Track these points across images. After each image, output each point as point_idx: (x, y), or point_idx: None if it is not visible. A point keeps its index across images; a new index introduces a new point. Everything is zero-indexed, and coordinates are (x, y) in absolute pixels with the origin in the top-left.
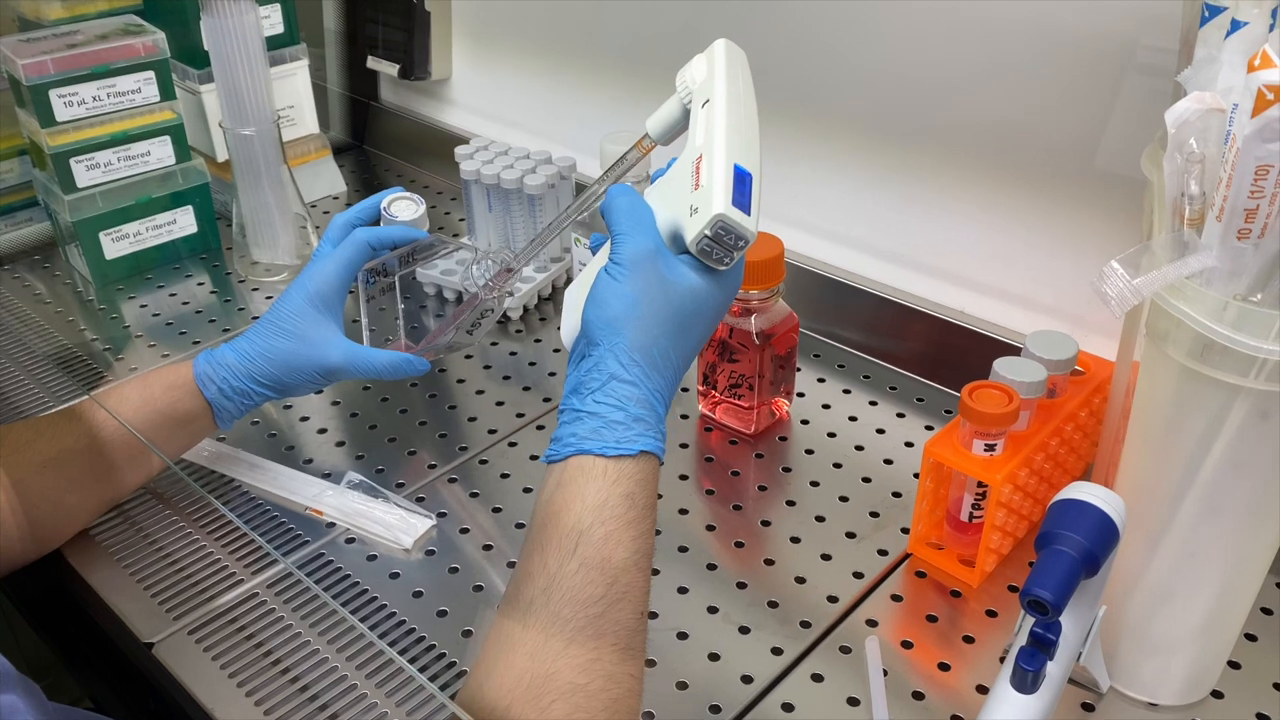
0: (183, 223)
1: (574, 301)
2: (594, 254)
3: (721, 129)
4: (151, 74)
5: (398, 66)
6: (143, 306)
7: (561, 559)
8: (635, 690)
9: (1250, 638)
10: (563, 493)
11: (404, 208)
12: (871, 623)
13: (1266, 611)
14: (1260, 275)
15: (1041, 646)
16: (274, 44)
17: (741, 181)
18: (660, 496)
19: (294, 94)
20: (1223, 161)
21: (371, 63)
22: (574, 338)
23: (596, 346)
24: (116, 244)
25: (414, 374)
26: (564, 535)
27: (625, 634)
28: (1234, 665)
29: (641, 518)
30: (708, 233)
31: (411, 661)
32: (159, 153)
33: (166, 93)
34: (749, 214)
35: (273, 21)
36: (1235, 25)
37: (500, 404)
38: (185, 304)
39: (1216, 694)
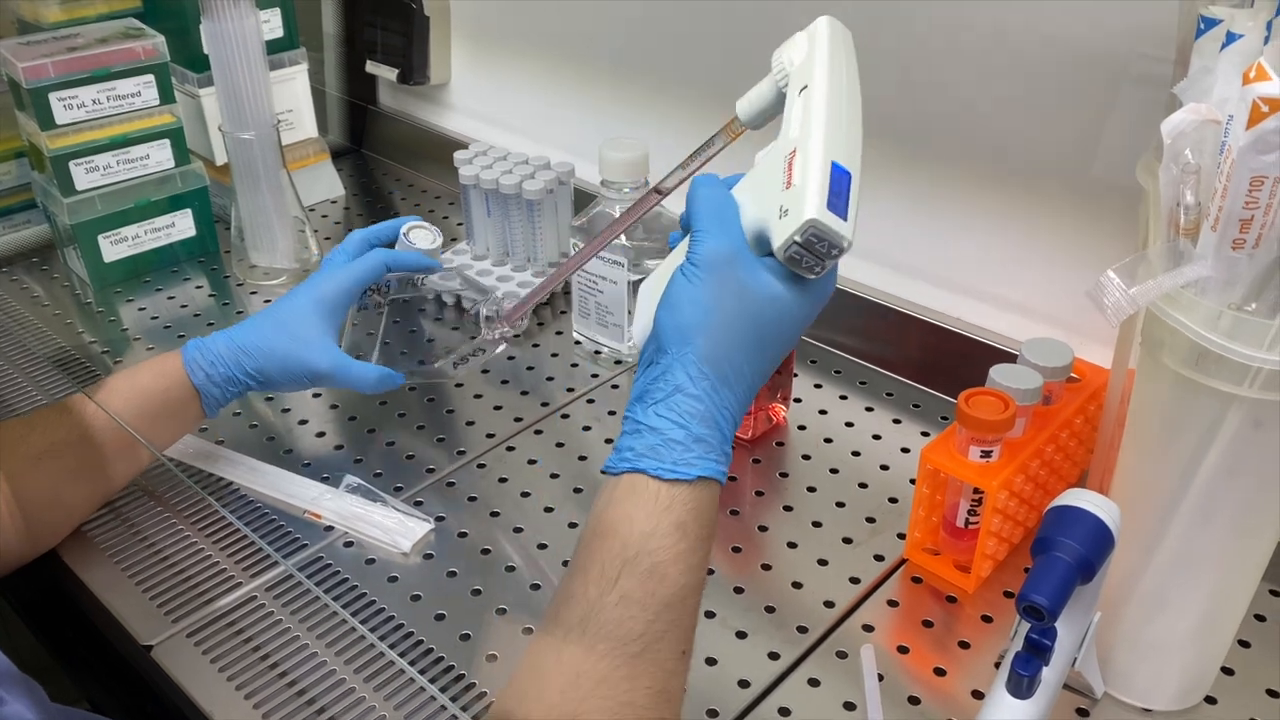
0: (181, 226)
1: (648, 298)
2: (672, 248)
3: (820, 121)
4: (151, 77)
5: (396, 71)
6: (141, 309)
7: (603, 588)
8: None
9: (1244, 644)
10: (613, 511)
11: (422, 236)
12: (868, 628)
13: (1260, 618)
14: (1254, 285)
15: (1037, 652)
16: (273, 48)
17: (839, 182)
18: None
19: (293, 98)
20: (1218, 172)
21: (370, 67)
22: (645, 336)
23: (665, 354)
24: (115, 247)
25: (392, 388)
26: (608, 561)
27: (662, 675)
28: (1228, 671)
29: (693, 550)
30: (798, 239)
31: (410, 665)
32: (158, 156)
33: (166, 96)
34: (845, 219)
35: (272, 25)
36: (1230, 38)
37: (498, 408)
38: (183, 307)
39: (1210, 700)
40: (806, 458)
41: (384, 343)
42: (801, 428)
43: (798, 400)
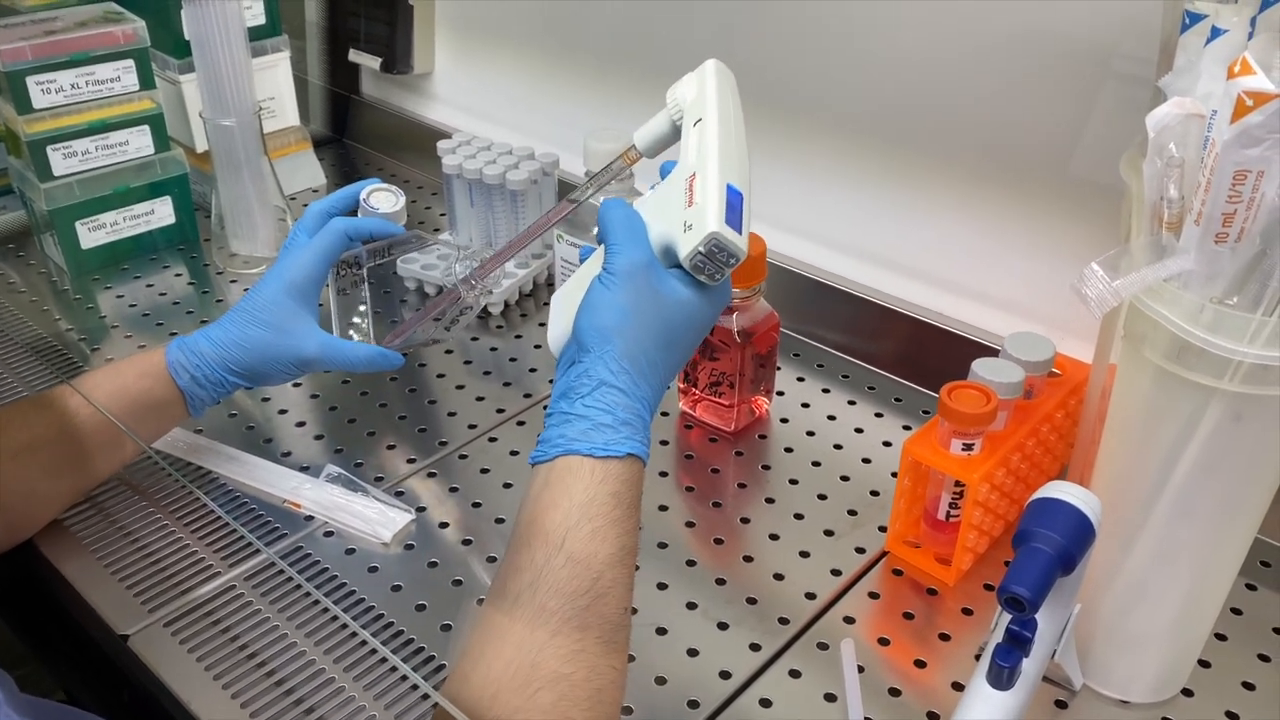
0: (161, 213)
1: (561, 308)
2: (581, 263)
3: (714, 148)
4: (131, 62)
5: (380, 60)
6: (119, 297)
7: (549, 553)
8: (618, 682)
9: (1220, 637)
10: (550, 491)
11: (383, 199)
12: (849, 620)
13: (1236, 612)
14: (1236, 279)
15: (1017, 643)
16: (255, 35)
17: (733, 201)
18: None
19: (275, 86)
20: (1201, 166)
21: (353, 56)
22: (561, 343)
23: (588, 353)
24: (93, 234)
25: (389, 368)
26: (551, 531)
27: (609, 628)
28: (1204, 664)
29: (626, 516)
30: (701, 249)
31: (392, 654)
32: (137, 142)
33: (146, 82)
34: (740, 233)
35: (254, 12)
36: (1215, 32)
37: (480, 399)
38: (162, 295)
39: (1187, 692)
40: (789, 450)
41: (375, 312)
42: (784, 420)
43: (780, 393)
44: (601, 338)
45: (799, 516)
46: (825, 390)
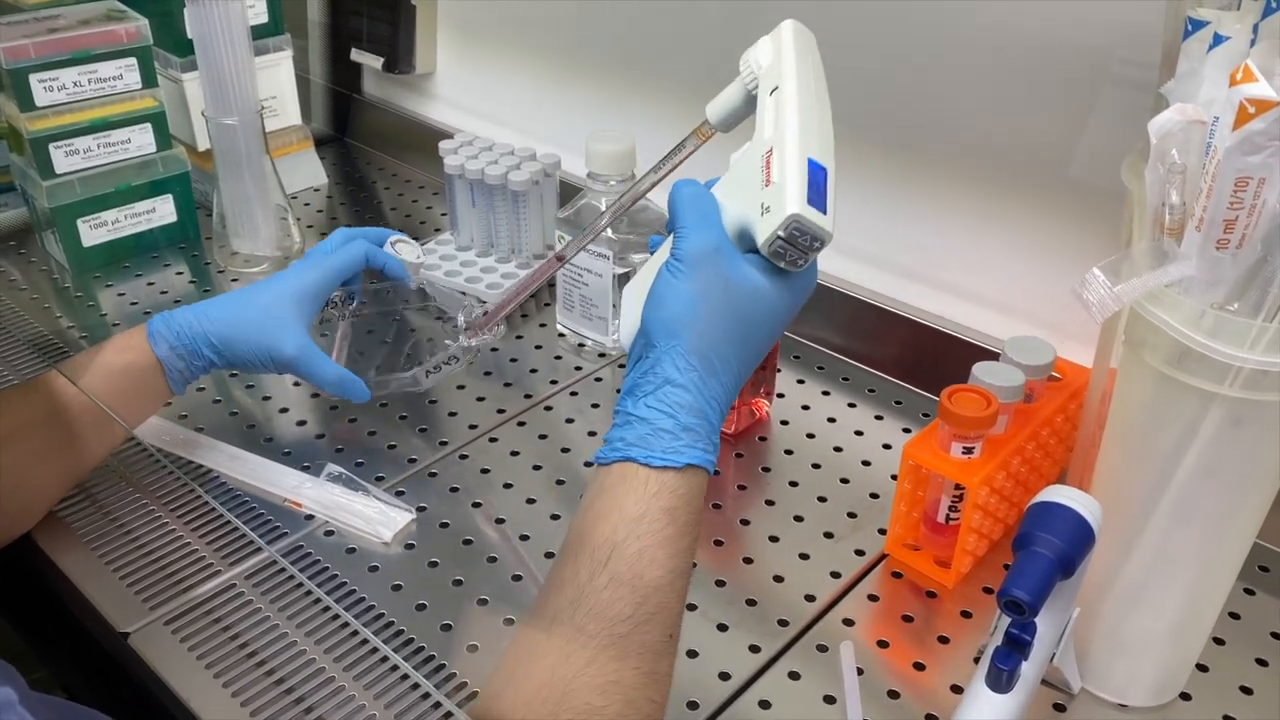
0: (162, 211)
1: (633, 298)
2: (653, 252)
3: (794, 120)
4: (134, 60)
5: (382, 60)
6: (120, 295)
7: (592, 571)
8: (655, 717)
9: (1219, 641)
10: (603, 499)
11: (407, 250)
12: (848, 622)
13: (1234, 616)
14: (1237, 285)
15: (1017, 646)
16: (258, 34)
17: (816, 177)
18: None
19: (277, 85)
20: (1203, 173)
21: (355, 55)
22: (633, 336)
23: (653, 348)
24: (94, 231)
25: (353, 399)
26: (598, 546)
27: (650, 657)
28: (1202, 668)
29: (681, 534)
30: (781, 234)
31: (394, 653)
32: (139, 140)
33: (148, 80)
34: (825, 212)
35: (257, 11)
36: (1217, 39)
37: (481, 399)
38: (164, 293)
39: (1185, 696)
40: (789, 453)
41: (352, 345)
42: (784, 423)
43: (781, 395)
44: (668, 332)
45: (799, 519)
46: (825, 393)
